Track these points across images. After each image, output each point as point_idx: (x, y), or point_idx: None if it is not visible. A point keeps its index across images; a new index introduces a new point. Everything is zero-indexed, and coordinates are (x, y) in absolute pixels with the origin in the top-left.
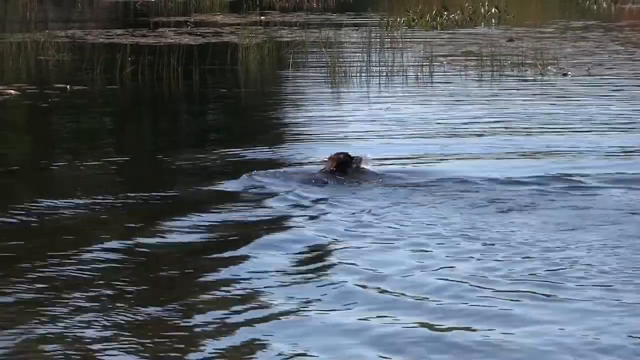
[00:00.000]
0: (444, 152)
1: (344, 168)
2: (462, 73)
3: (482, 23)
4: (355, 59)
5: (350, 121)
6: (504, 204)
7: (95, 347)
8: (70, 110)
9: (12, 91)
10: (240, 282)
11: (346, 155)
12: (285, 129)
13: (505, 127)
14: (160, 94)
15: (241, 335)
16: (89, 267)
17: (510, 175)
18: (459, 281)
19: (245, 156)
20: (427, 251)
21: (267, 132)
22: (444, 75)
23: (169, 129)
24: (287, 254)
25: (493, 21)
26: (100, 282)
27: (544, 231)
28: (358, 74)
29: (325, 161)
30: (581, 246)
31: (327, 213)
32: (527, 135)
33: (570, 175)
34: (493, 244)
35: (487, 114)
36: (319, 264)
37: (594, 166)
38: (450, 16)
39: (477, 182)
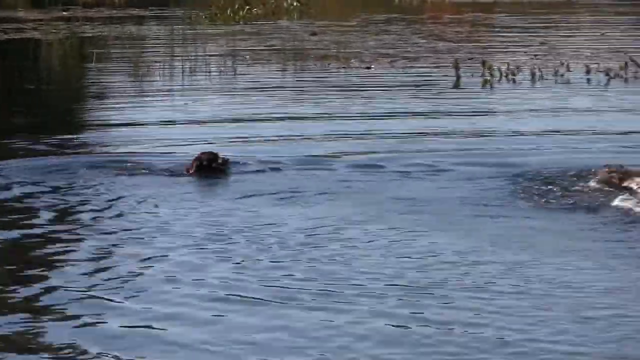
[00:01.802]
0: (253, 142)
1: (208, 167)
2: (265, 67)
3: (285, 17)
4: (158, 53)
5: (153, 113)
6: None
7: None
8: None
9: None
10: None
11: (211, 154)
12: (90, 122)
13: (306, 118)
14: None
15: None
16: None
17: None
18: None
19: (51, 151)
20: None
21: (72, 126)
22: (247, 68)
23: None
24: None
25: (295, 15)
26: None
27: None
28: (161, 68)
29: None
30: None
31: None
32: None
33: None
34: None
35: (290, 107)
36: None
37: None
38: (253, 10)
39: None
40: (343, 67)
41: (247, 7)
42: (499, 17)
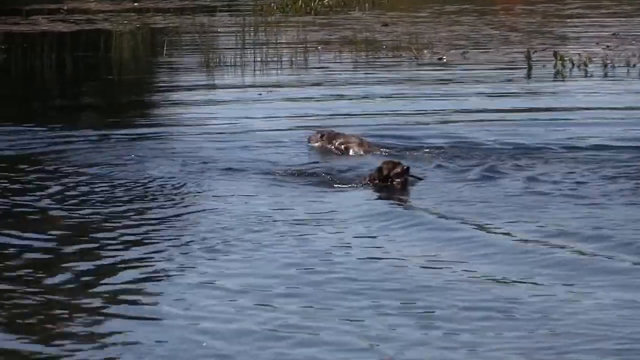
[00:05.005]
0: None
1: (399, 179)
2: (336, 58)
3: (356, 7)
4: (229, 45)
5: (224, 106)
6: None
7: None
8: None
9: None
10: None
11: (399, 165)
12: (161, 115)
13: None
14: (33, 82)
15: None
16: None
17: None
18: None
19: (124, 144)
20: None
21: (143, 118)
22: (318, 60)
23: (43, 118)
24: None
25: (367, 6)
26: None
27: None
28: (232, 60)
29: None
30: None
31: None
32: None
33: None
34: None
35: (360, 99)
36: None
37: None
38: (324, 1)
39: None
40: (415, 59)
41: None
42: (570, 8)
